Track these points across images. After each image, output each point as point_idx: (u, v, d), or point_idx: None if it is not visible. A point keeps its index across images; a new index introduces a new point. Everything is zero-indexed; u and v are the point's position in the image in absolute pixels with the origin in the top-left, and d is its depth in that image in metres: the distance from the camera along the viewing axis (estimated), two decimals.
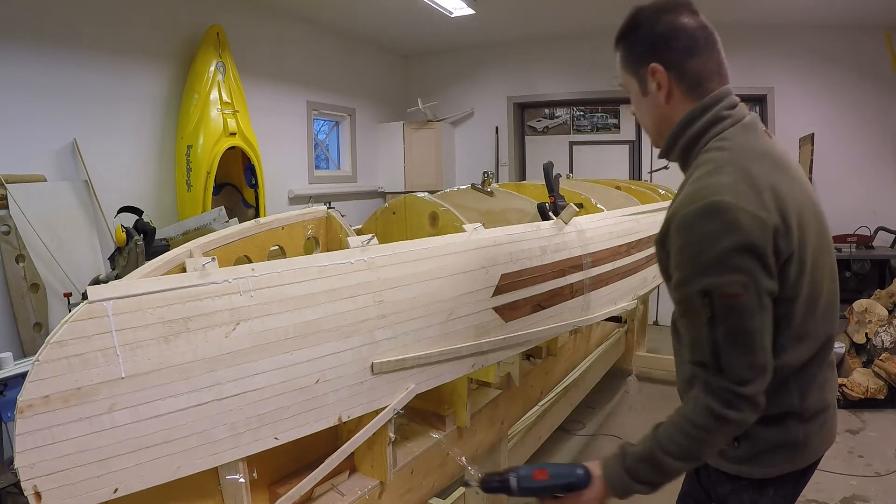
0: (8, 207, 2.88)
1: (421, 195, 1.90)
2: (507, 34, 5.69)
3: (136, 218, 2.93)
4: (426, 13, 4.70)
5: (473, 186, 2.35)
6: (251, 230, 1.40)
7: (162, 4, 3.75)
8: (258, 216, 3.84)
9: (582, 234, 1.93)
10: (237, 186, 4.32)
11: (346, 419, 1.23)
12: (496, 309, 1.56)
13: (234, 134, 3.80)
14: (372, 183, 5.99)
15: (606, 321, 2.42)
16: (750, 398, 0.95)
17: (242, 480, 1.08)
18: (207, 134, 3.67)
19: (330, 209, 1.65)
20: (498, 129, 6.17)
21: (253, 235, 1.40)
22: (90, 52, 3.35)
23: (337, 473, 1.37)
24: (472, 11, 4.69)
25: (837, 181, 4.86)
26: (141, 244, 2.77)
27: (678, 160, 1.13)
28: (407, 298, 1.32)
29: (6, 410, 2.06)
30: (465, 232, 1.57)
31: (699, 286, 0.95)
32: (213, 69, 3.76)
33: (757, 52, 4.93)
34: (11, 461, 1.14)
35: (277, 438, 1.11)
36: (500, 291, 1.56)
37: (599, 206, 2.45)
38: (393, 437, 1.39)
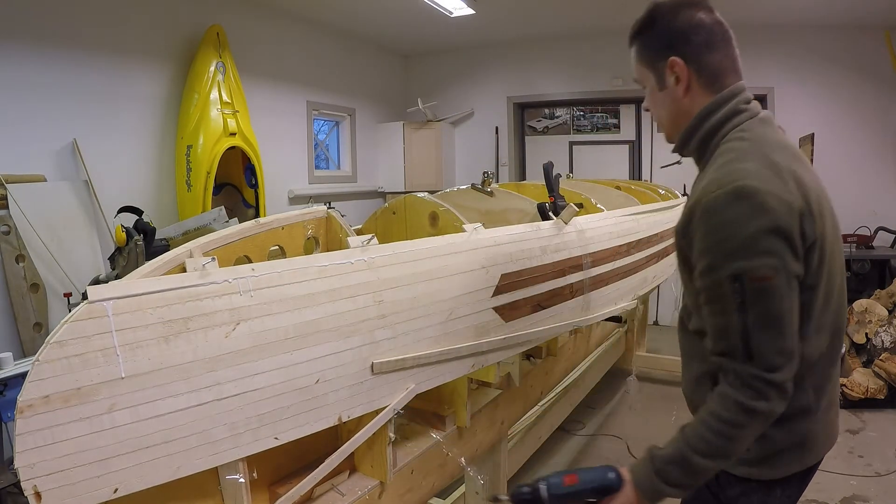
0: (8, 207, 2.88)
1: (421, 195, 1.90)
2: (507, 34, 5.69)
3: (136, 218, 2.93)
4: (426, 13, 4.70)
5: (473, 186, 2.35)
6: (251, 230, 1.40)
7: (162, 4, 3.76)
8: (258, 216, 3.84)
9: (582, 234, 1.93)
10: (237, 186, 4.32)
11: (346, 419, 1.23)
12: (496, 309, 1.56)
13: (234, 134, 3.80)
14: (372, 183, 5.99)
15: (606, 321, 2.42)
16: (779, 385, 0.94)
17: (242, 480, 1.08)
18: (207, 134, 3.67)
19: (330, 209, 1.65)
20: (498, 129, 6.17)
21: (253, 235, 1.40)
22: (90, 52, 3.35)
23: (337, 473, 1.37)
24: (472, 11, 4.69)
25: (837, 181, 4.82)
26: (141, 244, 2.77)
27: (694, 153, 1.13)
28: (407, 298, 1.32)
29: (6, 410, 2.06)
30: (465, 232, 1.57)
31: (729, 271, 0.94)
32: (213, 69, 3.77)
33: (757, 52, 4.93)
34: (11, 461, 1.14)
35: (277, 438, 1.11)
36: (500, 291, 1.56)
37: (599, 206, 2.45)
38: (393, 437, 1.39)
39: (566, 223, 1.87)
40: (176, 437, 0.98)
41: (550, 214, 1.94)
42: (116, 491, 0.93)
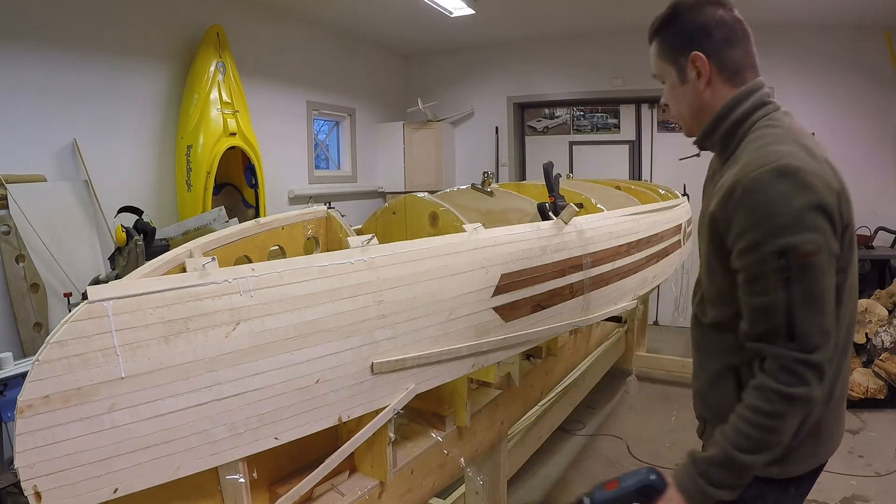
0: (8, 207, 2.88)
1: (421, 195, 1.89)
2: (507, 34, 5.69)
3: (136, 218, 2.93)
4: (426, 13, 4.71)
5: (473, 186, 2.35)
6: (251, 230, 1.40)
7: (162, 4, 3.76)
8: (258, 216, 3.84)
9: (582, 234, 1.93)
10: (237, 186, 4.32)
11: (346, 419, 1.23)
12: (496, 309, 1.55)
13: (234, 134, 3.80)
14: (372, 183, 6.00)
15: (606, 321, 2.42)
16: (818, 366, 0.94)
17: (242, 480, 1.08)
18: (207, 134, 3.67)
19: (330, 209, 1.65)
20: (498, 129, 6.17)
21: (253, 235, 1.40)
22: (90, 52, 3.35)
23: (337, 473, 1.37)
24: (472, 11, 4.69)
25: None
26: (141, 244, 2.77)
27: (719, 143, 1.15)
28: (407, 298, 1.32)
29: (6, 410, 2.06)
30: (465, 232, 1.57)
31: (775, 246, 0.94)
32: (213, 69, 3.77)
33: (757, 52, 4.92)
34: (11, 461, 1.14)
35: (277, 438, 1.11)
36: (500, 291, 1.55)
37: (599, 206, 2.45)
38: (393, 437, 1.39)
39: (566, 223, 1.87)
40: (176, 437, 0.97)
41: (550, 214, 1.93)
42: (116, 491, 0.92)
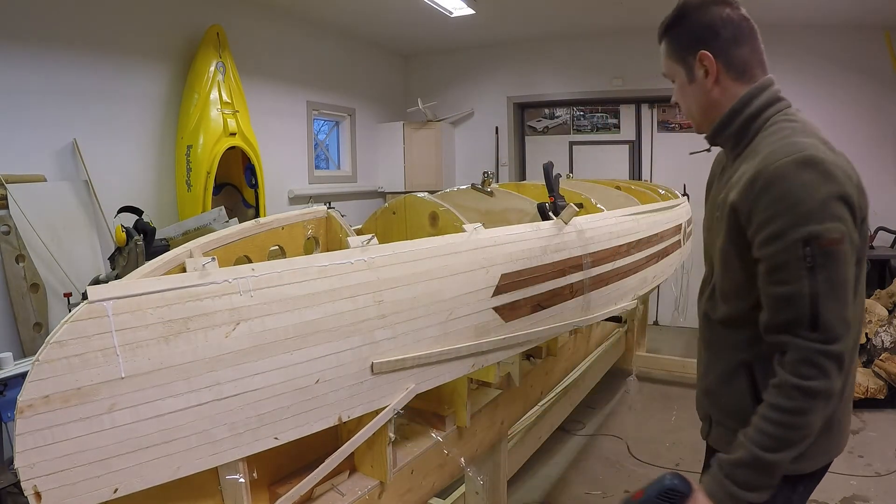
0: (8, 207, 2.88)
1: (421, 195, 1.89)
2: (507, 34, 5.69)
3: (136, 218, 2.93)
4: (426, 13, 4.71)
5: (473, 186, 2.35)
6: (251, 230, 1.40)
7: (162, 4, 3.76)
8: (258, 216, 3.84)
9: (582, 234, 1.93)
10: (237, 186, 4.32)
11: (346, 419, 1.23)
12: (496, 309, 1.55)
13: (234, 134, 3.80)
14: (372, 183, 6.00)
15: (606, 321, 2.42)
16: (838, 356, 0.95)
17: (242, 480, 1.08)
18: (207, 134, 3.67)
19: (330, 209, 1.65)
20: (498, 129, 6.17)
21: (253, 235, 1.40)
22: (90, 52, 3.35)
23: (337, 473, 1.37)
24: (472, 11, 4.69)
25: None
26: (141, 244, 2.77)
27: (732, 138, 1.16)
28: (407, 298, 1.32)
29: (6, 410, 2.06)
30: (465, 232, 1.57)
31: (800, 234, 0.95)
32: (213, 69, 3.77)
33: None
34: (11, 461, 1.14)
35: (277, 438, 1.11)
36: (500, 291, 1.55)
37: (599, 206, 2.45)
38: (393, 437, 1.39)
39: (566, 223, 1.87)
40: (176, 437, 0.97)
41: (550, 214, 1.93)
42: (116, 491, 0.92)
